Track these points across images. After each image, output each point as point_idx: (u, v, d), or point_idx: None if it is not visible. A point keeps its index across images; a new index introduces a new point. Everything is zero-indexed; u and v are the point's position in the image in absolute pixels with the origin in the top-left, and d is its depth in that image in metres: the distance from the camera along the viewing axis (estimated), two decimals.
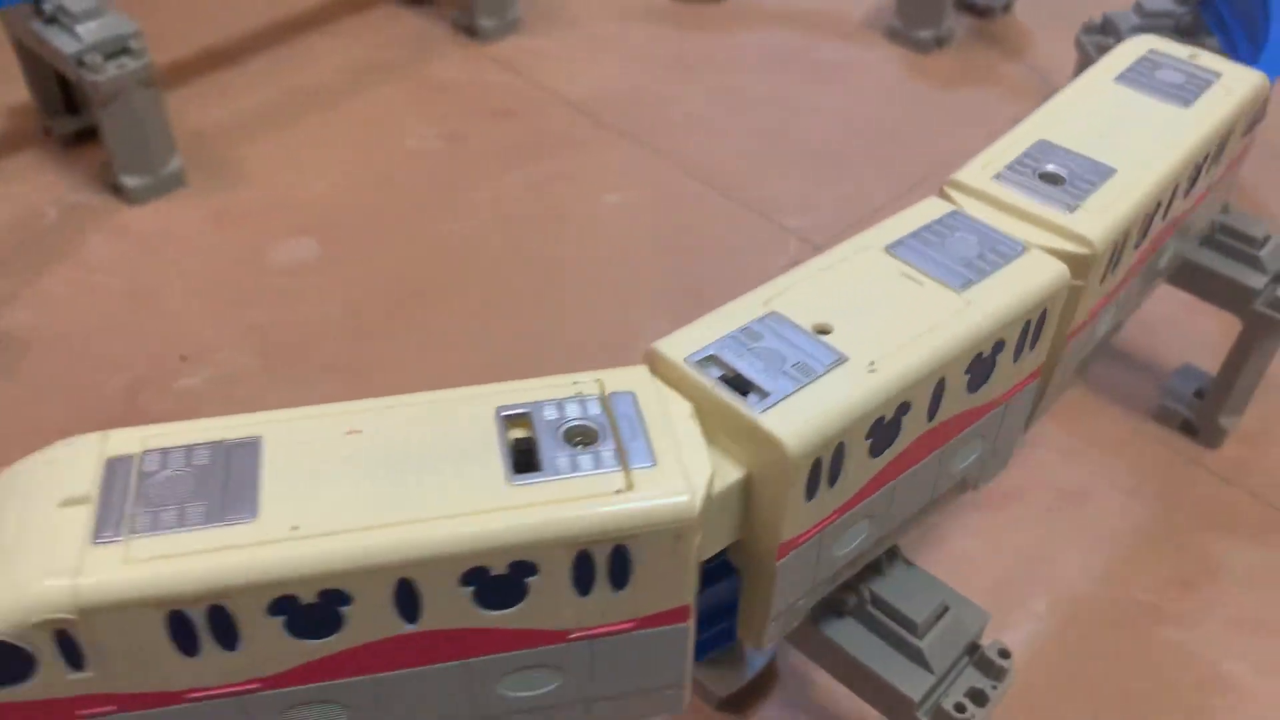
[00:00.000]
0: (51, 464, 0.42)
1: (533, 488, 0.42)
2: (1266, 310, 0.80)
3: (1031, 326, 0.53)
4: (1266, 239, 0.81)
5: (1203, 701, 0.73)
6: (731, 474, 0.46)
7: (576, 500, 0.42)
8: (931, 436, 0.51)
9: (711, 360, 0.48)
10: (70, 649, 0.40)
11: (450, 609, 0.43)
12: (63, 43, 0.97)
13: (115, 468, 0.42)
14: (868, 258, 0.53)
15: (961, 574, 0.78)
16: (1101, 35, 1.07)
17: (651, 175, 1.11)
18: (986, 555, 0.80)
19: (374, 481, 0.43)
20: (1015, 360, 0.54)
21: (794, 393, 0.46)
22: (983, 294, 0.51)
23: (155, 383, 0.88)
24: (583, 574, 0.43)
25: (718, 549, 0.48)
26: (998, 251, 0.54)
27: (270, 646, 0.42)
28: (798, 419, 0.45)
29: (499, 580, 0.42)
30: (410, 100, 1.19)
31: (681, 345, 0.48)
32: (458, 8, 1.30)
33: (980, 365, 0.51)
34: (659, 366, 0.48)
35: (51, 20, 0.98)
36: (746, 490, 0.47)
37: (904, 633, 0.56)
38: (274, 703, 0.44)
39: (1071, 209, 0.57)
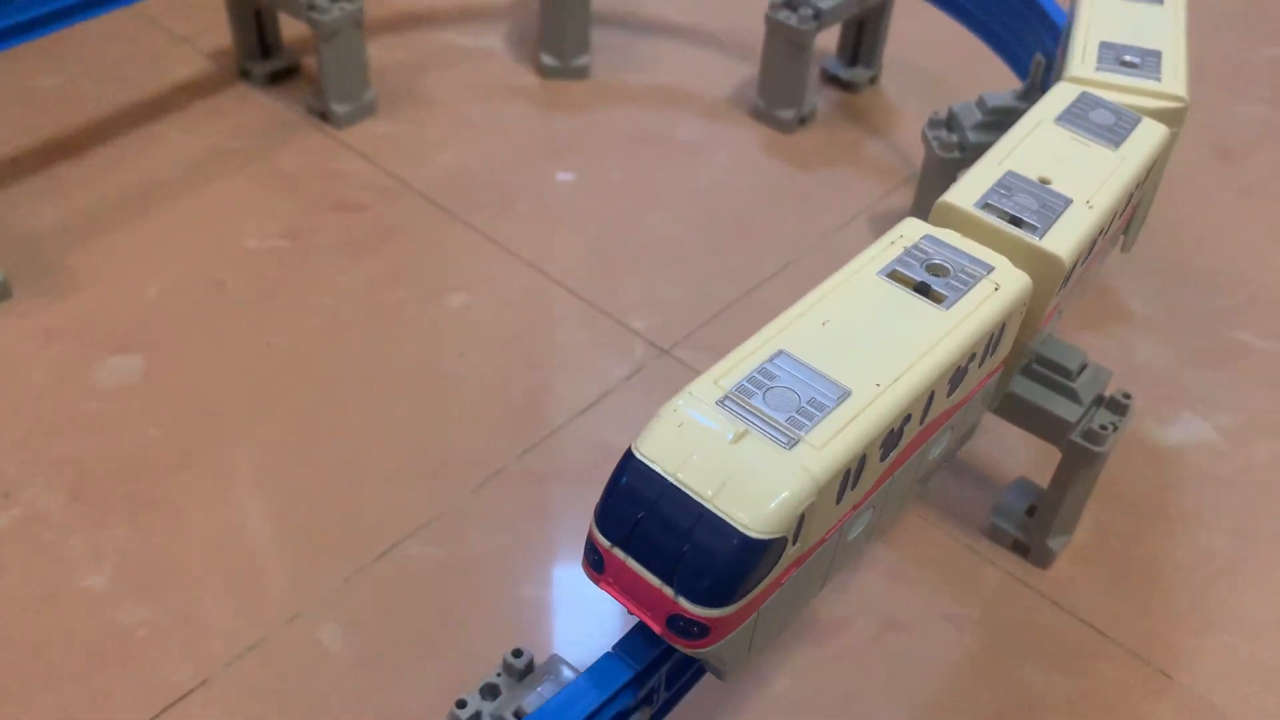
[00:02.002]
0: (681, 425, 0.53)
1: (957, 308, 0.60)
2: (1082, 442, 0.79)
3: (1155, 171, 0.78)
4: (1082, 369, 0.81)
5: None
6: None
7: (984, 302, 0.61)
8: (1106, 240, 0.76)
9: (988, 207, 0.67)
10: (796, 529, 0.52)
11: (939, 404, 0.61)
12: None
13: (729, 406, 0.53)
14: (1046, 128, 0.74)
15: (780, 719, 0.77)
16: (946, 131, 1.06)
17: (499, 272, 1.09)
18: (807, 696, 0.78)
19: (875, 340, 0.58)
20: (1143, 188, 0.79)
21: (1051, 226, 0.66)
22: (1130, 151, 0.73)
23: None
24: (985, 350, 0.63)
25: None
26: (1126, 120, 0.75)
27: (869, 475, 0.57)
28: (1062, 242, 0.66)
29: (961, 371, 0.61)
30: (255, 193, 1.16)
31: (965, 196, 0.68)
32: (311, 93, 1.26)
33: (1130, 197, 0.75)
34: (949, 213, 0.67)
35: None
36: None
37: None
38: (852, 521, 0.59)
39: (1157, 80, 0.80)
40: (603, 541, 0.52)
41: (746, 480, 0.50)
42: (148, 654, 0.78)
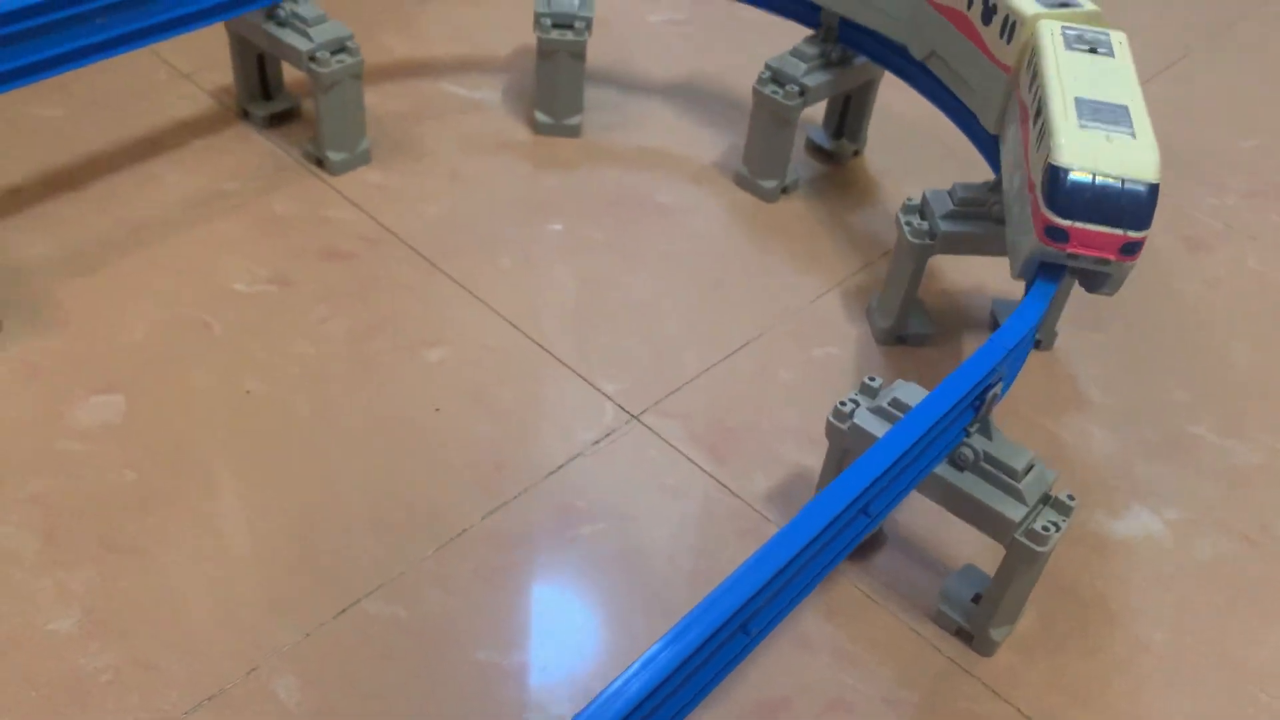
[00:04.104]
0: (1078, 142, 0.84)
1: (1118, 55, 0.94)
2: (1025, 541, 0.82)
3: None
4: (1029, 469, 0.83)
5: None
6: None
7: (1123, 50, 0.95)
8: None
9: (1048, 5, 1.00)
10: None
11: None
12: None
13: (1086, 128, 0.85)
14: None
15: None
16: (919, 217, 1.09)
17: (478, 327, 1.12)
18: None
19: (1104, 76, 0.91)
20: None
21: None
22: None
23: None
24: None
25: None
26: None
27: None
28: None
29: None
30: (246, 236, 1.19)
31: (1033, 8, 0.99)
32: (309, 138, 1.29)
33: None
34: (1038, 18, 0.98)
35: None
36: None
37: None
38: None
39: None
40: (1064, 222, 0.83)
41: (1130, 159, 0.83)
42: (107, 702, 0.80)
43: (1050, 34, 0.96)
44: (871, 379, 0.90)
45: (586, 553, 0.94)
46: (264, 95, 1.33)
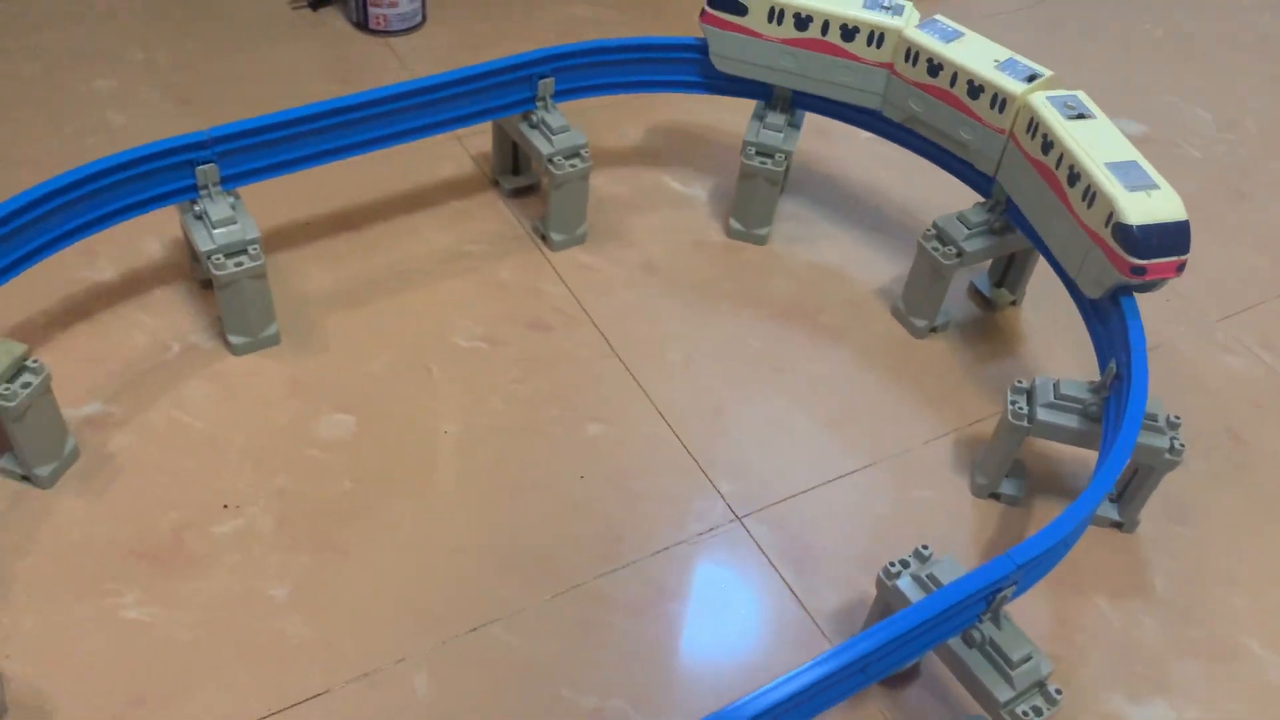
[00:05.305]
0: (1136, 199, 1.17)
1: (1098, 116, 1.26)
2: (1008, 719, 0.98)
3: None
4: (1025, 660, 0.99)
5: None
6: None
7: (1095, 107, 1.28)
8: None
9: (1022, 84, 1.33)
10: None
11: None
12: (202, 240, 1.28)
13: (1130, 189, 1.16)
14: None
15: None
16: (1025, 400, 1.23)
17: (634, 412, 1.35)
18: None
19: (1102, 137, 1.23)
20: None
21: (1036, 76, 1.33)
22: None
23: (199, 524, 1.19)
24: None
25: None
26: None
27: None
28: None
29: None
30: (473, 295, 1.46)
31: (1018, 88, 1.30)
32: (539, 215, 1.56)
33: None
34: (1026, 99, 1.29)
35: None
36: None
37: None
38: None
39: None
40: (1142, 261, 1.14)
41: (1168, 207, 1.15)
42: (295, 660, 1.10)
43: (1043, 106, 1.25)
44: (924, 547, 1.07)
45: (665, 627, 1.16)
46: (513, 170, 1.60)
